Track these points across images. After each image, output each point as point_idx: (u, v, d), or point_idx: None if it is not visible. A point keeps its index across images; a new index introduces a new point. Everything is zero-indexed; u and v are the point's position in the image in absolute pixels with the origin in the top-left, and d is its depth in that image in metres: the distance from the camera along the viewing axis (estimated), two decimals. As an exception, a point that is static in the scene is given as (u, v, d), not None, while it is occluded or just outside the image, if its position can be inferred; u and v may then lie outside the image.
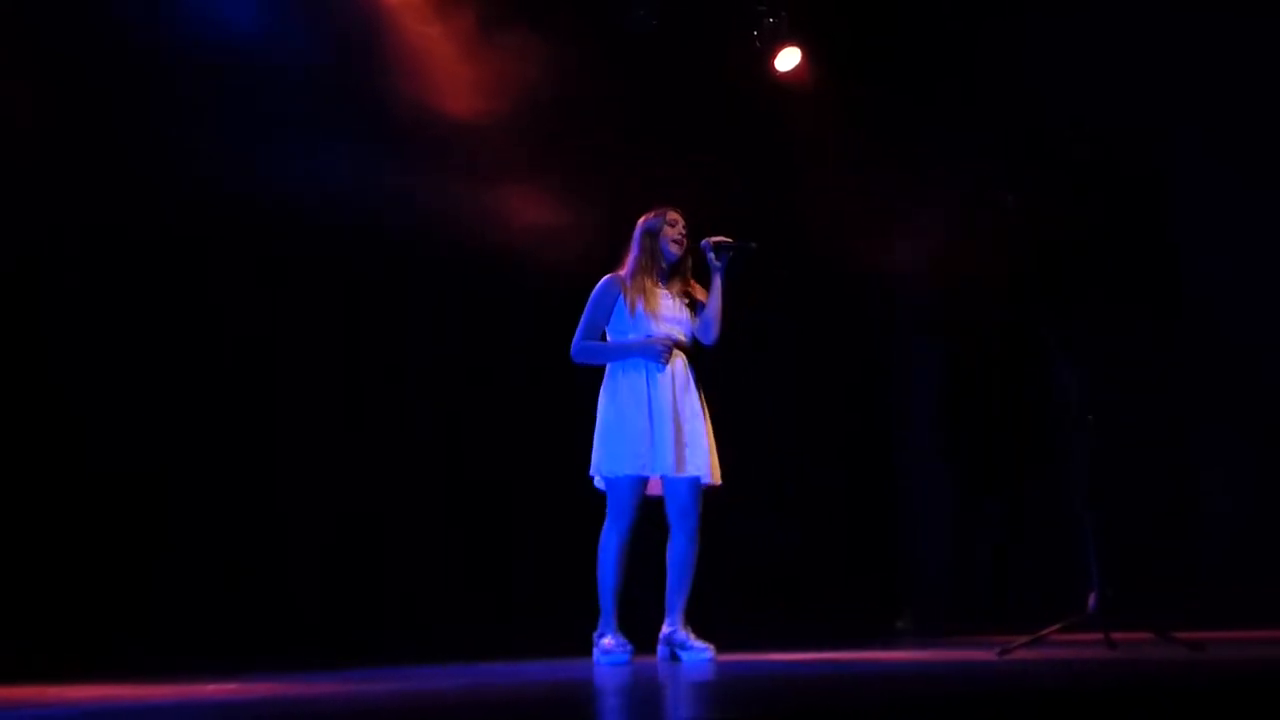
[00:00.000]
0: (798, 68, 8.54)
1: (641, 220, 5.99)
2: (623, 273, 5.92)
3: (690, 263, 6.01)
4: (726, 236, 5.91)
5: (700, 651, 5.60)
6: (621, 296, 5.85)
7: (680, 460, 5.67)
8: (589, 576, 5.87)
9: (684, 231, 5.95)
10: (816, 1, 8.60)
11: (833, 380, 9.24)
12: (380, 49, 7.32)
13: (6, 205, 6.40)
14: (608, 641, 5.73)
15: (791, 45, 8.49)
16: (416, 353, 7.73)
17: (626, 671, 5.24)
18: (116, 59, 6.64)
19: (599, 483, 5.86)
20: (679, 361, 5.81)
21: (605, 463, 5.74)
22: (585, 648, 5.83)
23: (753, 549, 8.39)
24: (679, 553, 5.74)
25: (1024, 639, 5.43)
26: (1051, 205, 7.23)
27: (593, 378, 5.91)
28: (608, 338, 5.89)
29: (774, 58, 8.52)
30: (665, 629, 5.75)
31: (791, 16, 8.41)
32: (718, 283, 5.88)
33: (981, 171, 7.90)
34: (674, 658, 5.68)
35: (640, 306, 5.80)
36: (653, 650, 5.77)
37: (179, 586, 6.62)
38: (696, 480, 5.73)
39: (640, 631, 5.83)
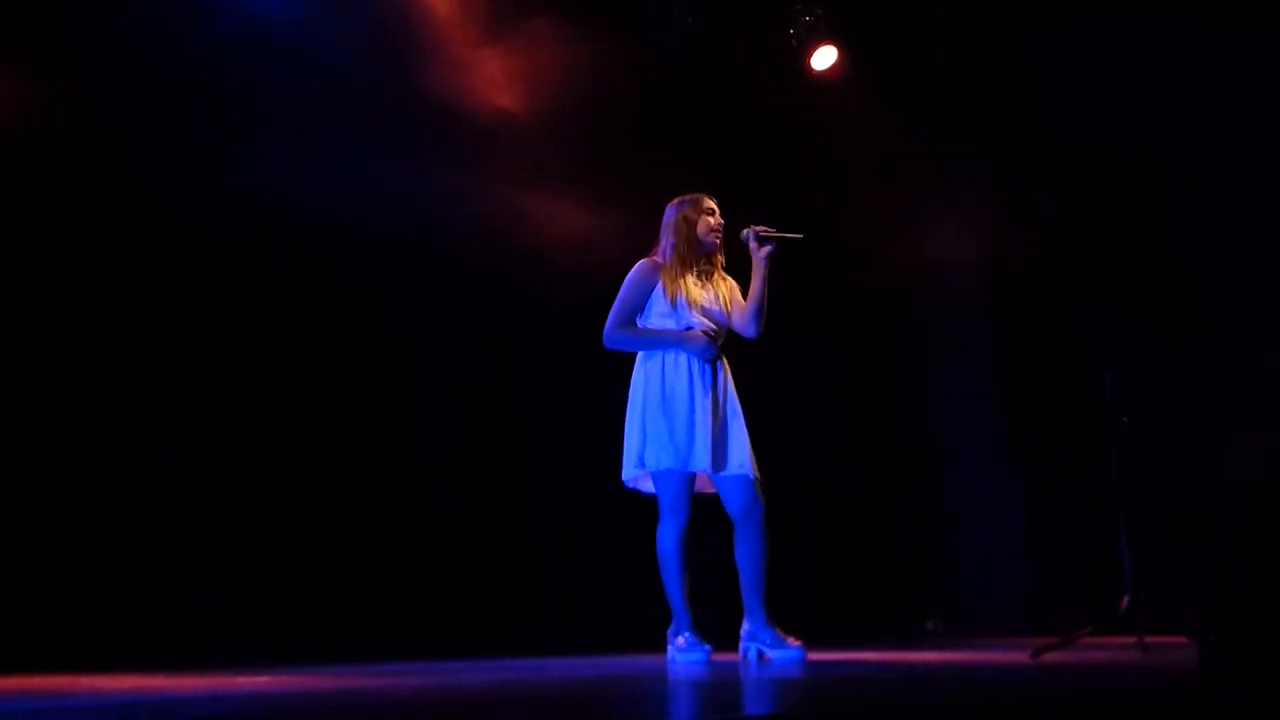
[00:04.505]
0: (834, 66, 8.51)
1: (674, 205, 5.79)
2: (659, 259, 5.73)
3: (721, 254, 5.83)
4: (769, 226, 5.69)
5: (791, 650, 5.42)
6: (661, 283, 5.64)
7: (721, 458, 5.50)
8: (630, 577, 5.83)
9: (721, 221, 5.76)
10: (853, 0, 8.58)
11: (866, 379, 9.23)
12: (411, 49, 7.31)
13: (30, 207, 6.43)
14: (683, 641, 5.54)
15: (828, 44, 8.45)
16: (441, 352, 7.70)
17: (705, 670, 5.18)
18: (141, 59, 6.65)
19: (640, 482, 5.67)
20: (721, 358, 5.66)
21: (650, 455, 5.51)
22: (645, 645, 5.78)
23: (781, 547, 8.37)
24: (750, 551, 5.52)
25: (1056, 641, 5.42)
26: (1089, 213, 7.22)
27: (623, 376, 5.80)
28: (639, 325, 5.67)
29: (810, 56, 8.48)
30: (747, 627, 5.56)
31: (828, 15, 8.39)
32: (763, 275, 5.63)
33: (1020, 175, 7.91)
34: (761, 657, 5.49)
35: (682, 297, 5.59)
36: (732, 648, 5.61)
37: (213, 579, 6.63)
38: (748, 476, 5.54)
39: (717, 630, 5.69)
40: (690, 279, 5.69)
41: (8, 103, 6.27)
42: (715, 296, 5.74)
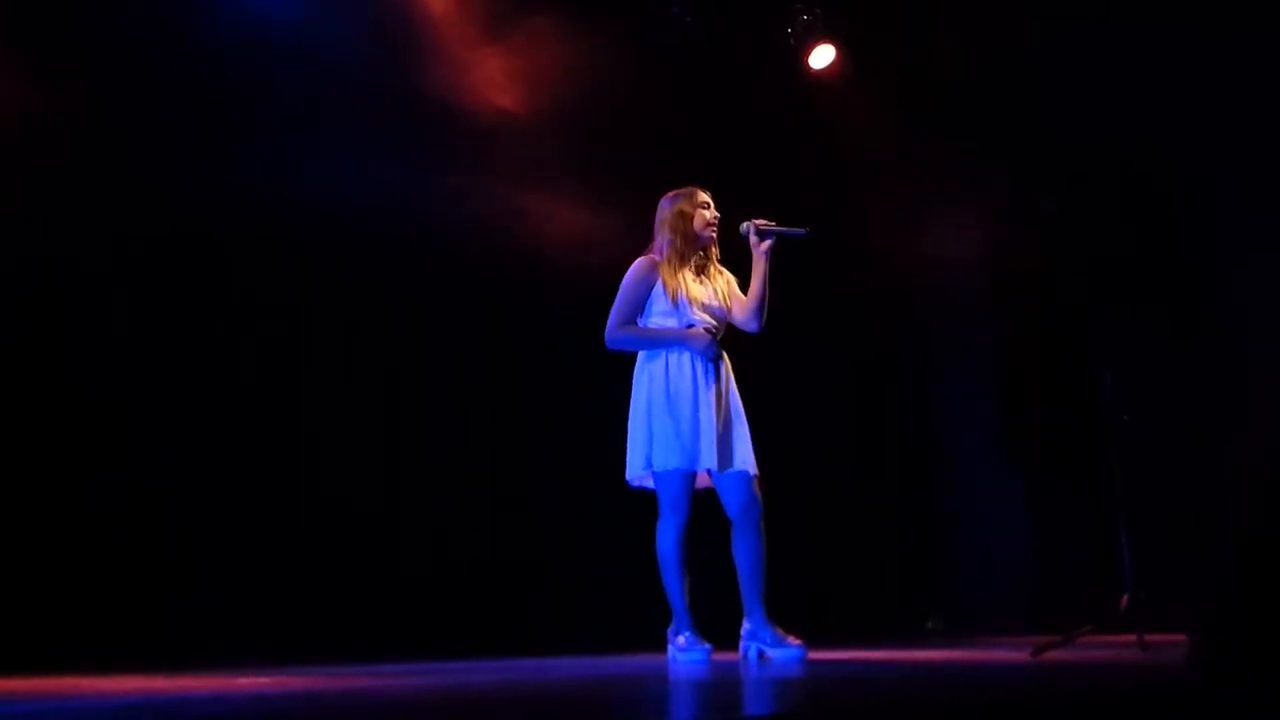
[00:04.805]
0: (832, 65, 8.50)
1: (667, 201, 5.75)
2: (656, 257, 5.68)
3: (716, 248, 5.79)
4: (769, 220, 5.65)
5: (791, 649, 5.38)
6: (660, 281, 5.59)
7: (726, 456, 5.47)
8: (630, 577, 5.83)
9: (717, 215, 5.72)
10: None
11: (866, 379, 9.21)
12: (411, 49, 7.31)
13: (30, 207, 6.43)
14: (683, 640, 5.53)
15: (826, 43, 8.45)
16: (441, 352, 7.70)
17: (705, 669, 5.17)
18: (141, 59, 6.67)
19: (645, 480, 5.63)
20: (723, 354, 5.63)
21: (657, 455, 5.48)
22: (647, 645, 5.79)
23: (781, 546, 8.37)
24: (747, 549, 5.49)
25: (1056, 640, 5.41)
26: (1089, 212, 7.22)
27: (623, 376, 5.78)
28: (639, 324, 5.63)
29: (808, 55, 8.48)
30: (747, 626, 5.53)
31: (826, 14, 8.38)
32: (763, 269, 5.60)
33: (1020, 174, 7.90)
34: (762, 656, 5.46)
35: (682, 295, 5.55)
36: (732, 647, 5.59)
37: (213, 579, 6.64)
38: (748, 474, 5.52)
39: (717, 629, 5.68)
40: (689, 275, 5.66)
41: (7, 103, 6.27)
42: (714, 292, 5.72)
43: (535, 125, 7.57)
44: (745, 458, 5.54)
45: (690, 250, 5.69)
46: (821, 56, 8.45)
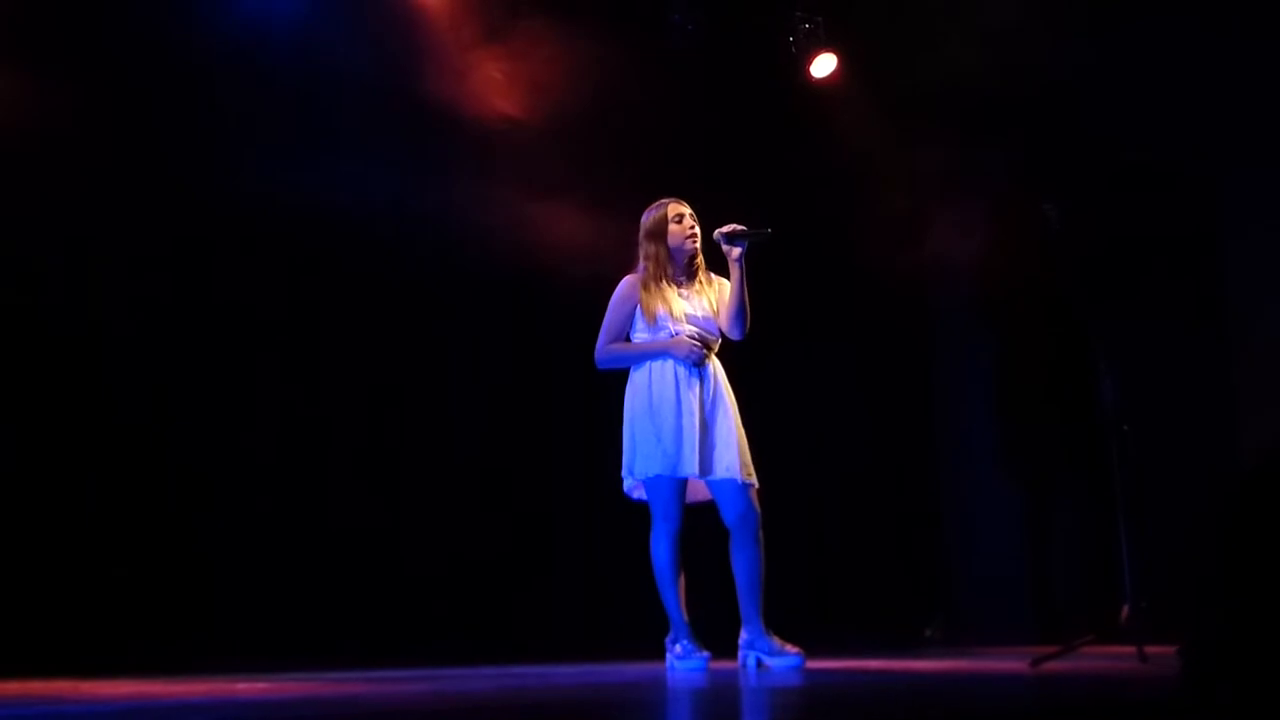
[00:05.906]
0: (834, 73, 8.49)
1: (645, 217, 5.71)
2: (639, 275, 5.65)
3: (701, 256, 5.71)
4: (739, 225, 5.51)
5: (790, 658, 5.38)
6: (641, 301, 5.57)
7: (708, 462, 5.42)
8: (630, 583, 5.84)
9: (694, 226, 5.65)
10: (853, 7, 8.54)
11: (867, 380, 9.19)
12: (416, 53, 7.30)
13: (31, 209, 6.44)
14: (680, 649, 5.55)
15: (827, 51, 8.43)
16: (446, 357, 7.73)
17: (703, 677, 5.16)
18: (159, 64, 6.72)
19: (636, 491, 5.63)
20: (709, 363, 5.57)
21: (639, 463, 5.46)
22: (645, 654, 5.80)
23: (780, 551, 8.38)
24: (745, 559, 5.47)
25: (1056, 650, 5.40)
26: (1095, 214, 7.21)
27: (624, 380, 5.74)
28: (630, 340, 5.63)
29: (810, 64, 8.46)
30: (745, 636, 5.52)
31: (827, 23, 8.36)
32: (738, 275, 5.49)
33: (1024, 179, 7.88)
34: (760, 665, 5.45)
35: (661, 312, 5.52)
36: (730, 656, 5.59)
37: (214, 581, 6.66)
38: (745, 484, 5.48)
39: (715, 637, 5.70)
40: (672, 290, 5.62)
41: (8, 103, 6.27)
42: (704, 302, 5.66)
43: (536, 128, 7.57)
44: (732, 465, 5.48)
45: (669, 265, 5.65)
46: (823, 66, 8.42)
